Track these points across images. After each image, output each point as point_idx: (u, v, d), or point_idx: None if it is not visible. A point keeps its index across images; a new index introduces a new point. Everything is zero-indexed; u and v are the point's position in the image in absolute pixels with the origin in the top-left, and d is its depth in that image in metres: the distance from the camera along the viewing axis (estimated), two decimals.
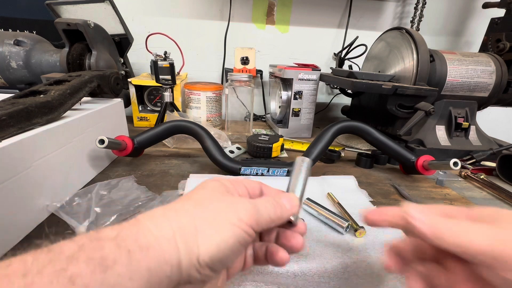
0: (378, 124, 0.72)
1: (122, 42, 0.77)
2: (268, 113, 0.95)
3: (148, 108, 0.81)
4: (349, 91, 0.89)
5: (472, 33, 1.05)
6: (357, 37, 0.86)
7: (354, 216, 0.37)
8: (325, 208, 0.37)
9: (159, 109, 0.78)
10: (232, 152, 0.60)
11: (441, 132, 0.67)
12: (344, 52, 0.92)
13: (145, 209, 0.36)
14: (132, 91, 0.74)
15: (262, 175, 0.49)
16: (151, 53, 0.66)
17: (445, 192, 0.50)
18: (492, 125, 0.98)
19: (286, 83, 0.77)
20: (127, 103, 0.75)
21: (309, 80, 0.74)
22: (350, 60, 0.92)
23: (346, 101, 0.97)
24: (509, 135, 0.91)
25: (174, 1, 0.89)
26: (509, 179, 0.54)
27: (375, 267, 0.29)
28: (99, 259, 0.13)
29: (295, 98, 0.75)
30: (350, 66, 0.95)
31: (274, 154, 0.60)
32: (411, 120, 0.59)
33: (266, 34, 0.97)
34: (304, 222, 0.23)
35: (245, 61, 0.84)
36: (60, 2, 0.69)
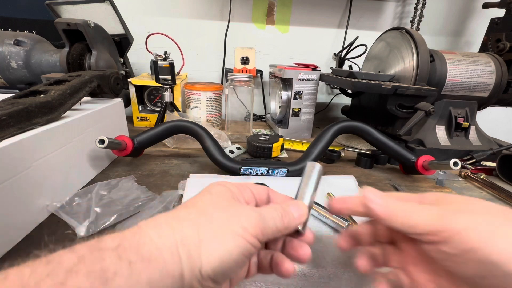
0: (378, 124, 0.72)
1: (122, 42, 0.77)
2: (268, 113, 0.95)
3: (148, 108, 0.81)
4: (349, 91, 0.89)
5: (472, 33, 1.05)
6: (357, 37, 0.86)
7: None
8: (325, 208, 0.37)
9: (159, 109, 0.78)
10: (232, 152, 0.60)
11: (441, 132, 0.67)
12: (344, 52, 0.92)
13: (145, 209, 0.36)
14: (132, 91, 0.74)
15: (262, 175, 0.49)
16: (151, 53, 0.66)
17: (445, 192, 0.50)
18: (492, 125, 0.98)
19: (286, 83, 0.77)
20: (127, 103, 0.75)
21: (309, 80, 0.74)
22: (350, 60, 0.92)
23: (346, 101, 0.97)
24: (509, 135, 0.91)
25: (174, 1, 0.89)
26: (509, 179, 0.54)
27: None
28: (99, 272, 0.13)
29: (295, 98, 0.75)
30: (350, 66, 0.95)
31: (274, 154, 0.60)
32: (411, 120, 0.58)
33: (266, 34, 0.97)
34: (312, 231, 0.23)
35: (245, 61, 0.84)
36: (60, 2, 0.69)
